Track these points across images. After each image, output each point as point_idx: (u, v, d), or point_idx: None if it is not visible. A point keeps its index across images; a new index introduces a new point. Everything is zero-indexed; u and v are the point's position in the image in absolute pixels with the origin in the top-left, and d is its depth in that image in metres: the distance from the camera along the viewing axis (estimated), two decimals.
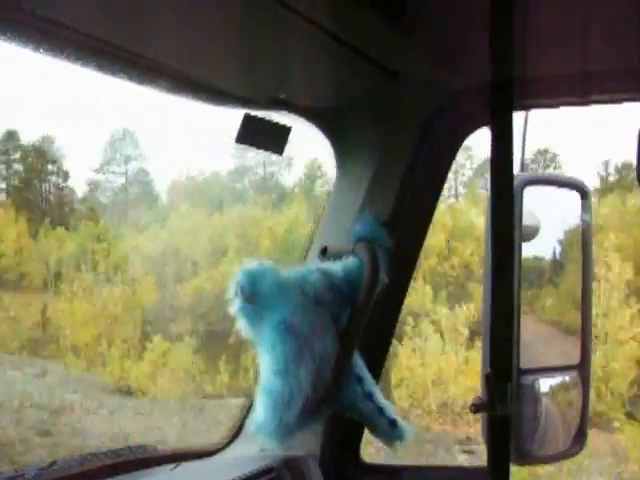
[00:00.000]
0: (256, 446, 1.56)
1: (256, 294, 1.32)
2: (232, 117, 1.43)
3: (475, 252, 12.92)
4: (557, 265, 1.89)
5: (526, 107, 1.66)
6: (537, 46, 1.40)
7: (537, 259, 1.81)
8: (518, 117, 1.61)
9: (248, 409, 1.64)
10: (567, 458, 1.78)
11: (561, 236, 1.81)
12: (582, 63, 1.47)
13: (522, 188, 1.60)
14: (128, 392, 11.65)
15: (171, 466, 1.53)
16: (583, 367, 1.72)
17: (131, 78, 1.43)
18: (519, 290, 1.60)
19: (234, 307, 1.32)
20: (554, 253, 1.84)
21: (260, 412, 1.32)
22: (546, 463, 1.79)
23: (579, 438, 1.72)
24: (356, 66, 1.36)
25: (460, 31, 1.38)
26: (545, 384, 1.69)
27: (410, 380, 10.73)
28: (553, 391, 1.75)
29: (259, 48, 1.27)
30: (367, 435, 1.67)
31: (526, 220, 1.65)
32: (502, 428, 1.55)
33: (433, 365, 10.80)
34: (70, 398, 10.35)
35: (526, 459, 1.66)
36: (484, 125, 1.56)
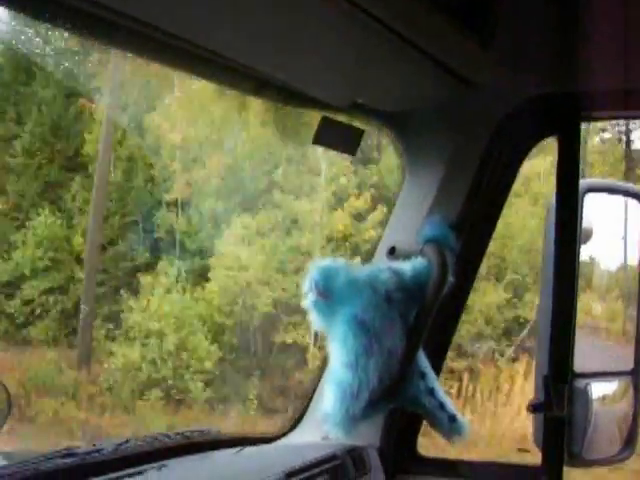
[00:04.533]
0: (318, 433, 1.62)
1: (329, 290, 1.38)
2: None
3: None
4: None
5: (593, 118, 1.70)
6: (603, 59, 1.43)
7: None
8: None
9: (311, 396, 1.70)
10: (617, 463, 1.80)
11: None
12: None
13: (584, 194, 1.63)
14: None
15: (235, 449, 1.60)
16: (636, 373, 1.74)
17: (214, 79, 1.50)
18: (576, 294, 1.63)
19: (307, 301, 1.39)
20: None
21: (329, 402, 1.39)
22: (596, 466, 1.81)
23: (630, 443, 1.74)
24: (432, 74, 1.41)
25: (533, 43, 1.42)
26: (598, 388, 1.71)
27: None
28: (605, 396, 1.78)
29: (339, 53, 1.32)
30: None
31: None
32: (557, 429, 1.59)
33: None
34: None
35: (576, 461, 1.69)
36: (551, 134, 1.59)
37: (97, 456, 1.40)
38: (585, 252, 1.71)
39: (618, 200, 1.78)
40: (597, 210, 1.73)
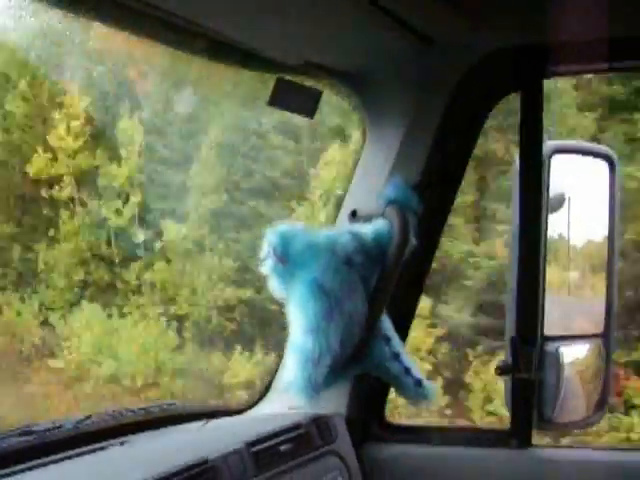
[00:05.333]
0: (285, 404, 1.59)
1: (288, 254, 1.35)
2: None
3: None
4: None
5: (556, 74, 1.67)
6: (567, 11, 1.40)
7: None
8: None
9: (277, 367, 1.68)
10: (588, 426, 1.80)
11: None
12: (611, 29, 1.46)
13: (550, 156, 1.61)
14: None
15: (201, 423, 1.58)
16: (606, 336, 1.73)
17: (166, 41, 1.46)
18: (545, 258, 1.61)
19: (266, 267, 1.36)
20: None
21: (290, 369, 1.36)
22: (567, 429, 1.81)
23: (600, 406, 1.74)
24: (390, 31, 1.37)
25: None
26: (568, 352, 1.71)
27: None
28: (576, 359, 1.77)
29: (292, 11, 1.28)
30: None
31: (553, 189, 1.66)
32: (525, 392, 1.58)
33: None
34: None
35: (547, 425, 1.68)
36: (514, 91, 1.56)
37: (56, 433, 1.36)
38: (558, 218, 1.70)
39: (586, 162, 1.77)
40: (566, 173, 1.72)
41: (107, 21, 1.33)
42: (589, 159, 1.76)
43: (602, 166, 1.74)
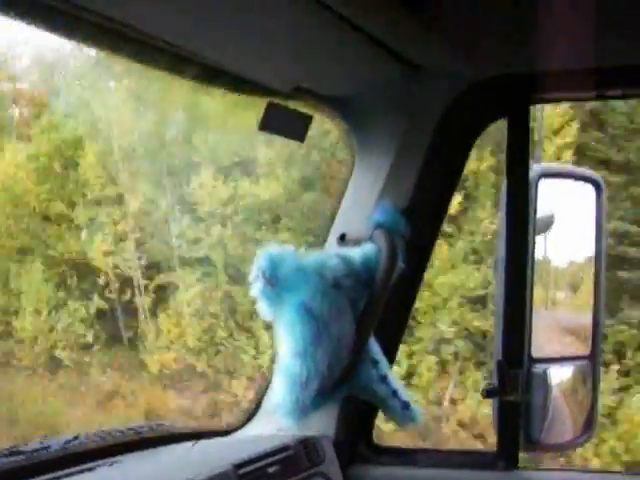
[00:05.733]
0: (273, 426, 1.59)
1: (277, 277, 1.36)
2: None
3: None
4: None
5: (543, 100, 1.69)
6: (554, 40, 1.43)
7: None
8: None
9: (265, 389, 1.68)
10: (575, 447, 1.81)
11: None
12: (597, 58, 1.49)
13: (537, 180, 1.63)
14: None
15: (190, 444, 1.58)
16: (593, 358, 1.75)
17: (156, 66, 1.47)
18: (532, 280, 1.63)
19: (255, 289, 1.37)
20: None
21: (278, 391, 1.37)
22: (554, 451, 1.81)
23: (587, 428, 1.75)
24: (377, 58, 1.39)
25: (480, 24, 1.41)
26: (556, 373, 1.72)
27: None
28: (563, 381, 1.78)
29: (281, 37, 1.30)
30: None
31: (540, 212, 1.68)
32: (512, 414, 1.59)
33: None
34: None
35: (534, 447, 1.69)
36: (501, 116, 1.59)
37: (44, 454, 1.37)
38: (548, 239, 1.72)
39: (572, 186, 1.79)
40: (554, 197, 1.74)
41: (100, 46, 1.34)
42: (576, 183, 1.78)
43: (588, 190, 1.76)
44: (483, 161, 7.34)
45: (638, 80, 1.55)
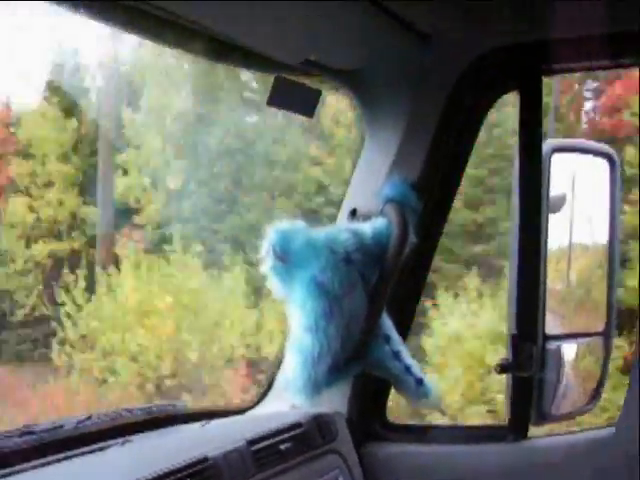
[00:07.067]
0: (286, 403, 1.59)
1: (287, 253, 1.35)
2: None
3: None
4: None
5: (555, 71, 1.67)
6: (566, 7, 1.40)
7: None
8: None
9: (278, 367, 1.68)
10: (582, 414, 1.81)
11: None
12: (610, 25, 1.46)
13: (550, 155, 1.61)
14: None
15: (201, 423, 1.57)
16: (607, 334, 1.74)
17: (165, 41, 1.46)
18: (546, 257, 1.61)
19: (266, 266, 1.36)
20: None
21: (290, 368, 1.36)
22: (562, 421, 1.82)
23: (594, 397, 1.75)
24: (387, 27, 1.37)
25: None
26: (569, 349, 1.71)
27: None
28: (576, 356, 1.77)
29: (290, 8, 1.28)
30: None
31: (553, 190, 1.65)
32: (524, 389, 1.58)
33: None
34: None
35: (544, 419, 1.68)
36: (513, 89, 1.56)
37: (57, 433, 1.36)
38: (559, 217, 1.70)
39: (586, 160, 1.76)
40: (566, 172, 1.71)
41: (108, 21, 1.33)
42: (589, 157, 1.76)
43: (602, 164, 1.74)
44: None
45: None
